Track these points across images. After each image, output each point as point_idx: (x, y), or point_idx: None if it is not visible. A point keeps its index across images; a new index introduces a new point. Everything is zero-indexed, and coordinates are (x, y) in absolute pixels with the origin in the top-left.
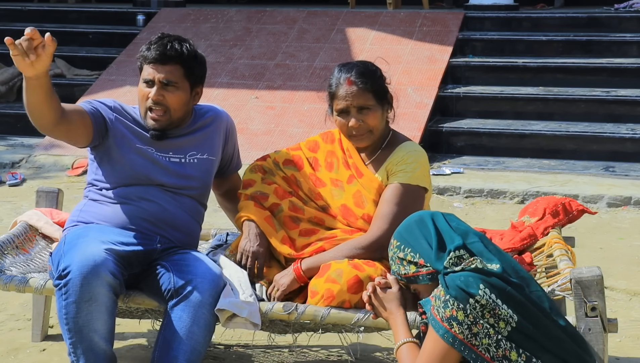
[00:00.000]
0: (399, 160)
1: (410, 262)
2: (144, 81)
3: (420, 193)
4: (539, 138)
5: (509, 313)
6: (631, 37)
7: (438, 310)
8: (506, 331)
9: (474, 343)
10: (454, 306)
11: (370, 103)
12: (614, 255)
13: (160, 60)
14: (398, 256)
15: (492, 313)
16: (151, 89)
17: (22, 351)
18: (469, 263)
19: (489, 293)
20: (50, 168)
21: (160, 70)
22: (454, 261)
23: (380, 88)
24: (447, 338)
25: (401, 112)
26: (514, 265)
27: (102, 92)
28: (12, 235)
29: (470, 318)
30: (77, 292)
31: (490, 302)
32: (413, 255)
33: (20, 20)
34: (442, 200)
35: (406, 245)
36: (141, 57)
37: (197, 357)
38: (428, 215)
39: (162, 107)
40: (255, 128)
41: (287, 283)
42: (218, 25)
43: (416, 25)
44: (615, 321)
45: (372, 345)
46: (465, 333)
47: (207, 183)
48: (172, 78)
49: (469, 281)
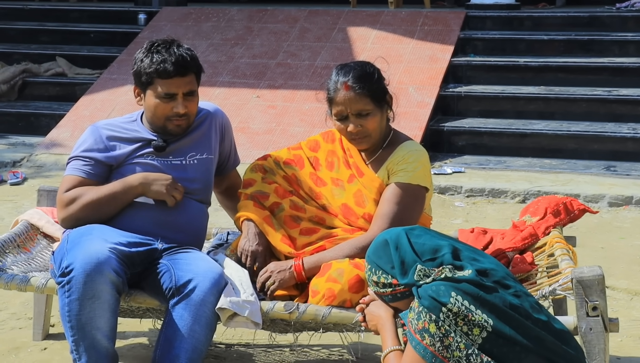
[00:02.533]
0: (399, 159)
1: (384, 285)
2: (164, 96)
3: (421, 193)
4: (540, 137)
5: (484, 318)
6: (633, 37)
7: (412, 322)
8: (480, 338)
9: (445, 356)
10: (426, 318)
11: (368, 108)
12: (615, 254)
13: (180, 73)
14: (372, 280)
15: (465, 320)
16: (173, 103)
17: (23, 350)
18: (438, 272)
19: (461, 300)
20: (52, 167)
21: (181, 83)
22: (424, 273)
23: (379, 91)
24: (419, 350)
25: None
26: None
27: (103, 91)
28: (14, 233)
29: (442, 331)
30: (80, 290)
31: (463, 309)
32: (385, 277)
33: (21, 19)
34: (444, 199)
35: (376, 268)
36: (154, 73)
37: (199, 356)
38: (392, 238)
39: (186, 116)
40: (256, 127)
41: (286, 279)
42: (219, 24)
43: (417, 24)
44: (617, 320)
45: (373, 345)
46: (437, 345)
47: (209, 183)
48: (193, 88)
49: (440, 290)
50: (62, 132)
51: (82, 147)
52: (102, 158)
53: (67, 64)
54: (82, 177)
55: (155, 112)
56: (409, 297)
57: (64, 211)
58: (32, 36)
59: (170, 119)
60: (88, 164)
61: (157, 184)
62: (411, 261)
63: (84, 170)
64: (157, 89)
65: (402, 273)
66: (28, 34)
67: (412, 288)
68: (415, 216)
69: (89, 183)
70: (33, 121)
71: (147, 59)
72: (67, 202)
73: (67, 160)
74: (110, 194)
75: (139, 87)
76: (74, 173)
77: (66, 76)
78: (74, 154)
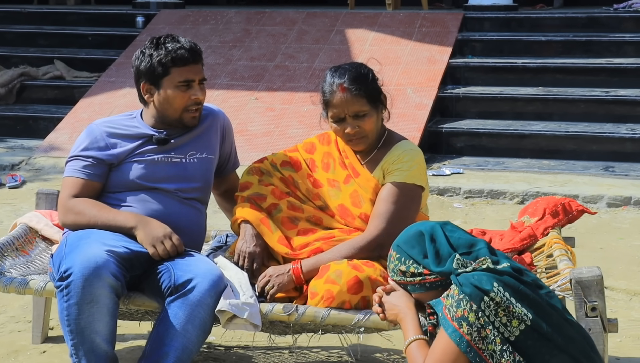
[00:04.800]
0: (395, 159)
1: (414, 274)
2: (183, 83)
3: (417, 192)
4: (539, 138)
5: (523, 311)
6: (630, 37)
7: (449, 309)
8: (518, 330)
9: (480, 347)
10: (466, 306)
11: (365, 109)
12: (614, 255)
13: (193, 60)
14: (400, 269)
15: (506, 311)
16: (191, 91)
17: (22, 353)
18: (479, 263)
19: (503, 291)
20: (50, 170)
21: (197, 70)
22: (462, 262)
23: (374, 91)
24: (455, 337)
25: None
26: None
27: (101, 94)
28: (12, 236)
29: (481, 322)
30: (78, 294)
31: (505, 300)
32: (416, 266)
33: (19, 22)
34: (442, 201)
35: (406, 257)
36: (168, 62)
37: (188, 356)
38: (427, 229)
39: (201, 106)
40: (254, 129)
41: (284, 283)
42: (217, 27)
43: (415, 26)
44: (616, 321)
45: (372, 346)
46: (474, 335)
47: (209, 182)
48: (204, 75)
49: (483, 279)
50: (61, 136)
51: (81, 146)
52: (103, 156)
53: (65, 67)
54: (83, 179)
55: (173, 103)
56: (437, 289)
57: (63, 216)
58: (30, 39)
59: (188, 109)
60: (88, 165)
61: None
62: (446, 253)
63: (84, 171)
64: (175, 78)
65: (436, 262)
66: (26, 37)
67: (448, 277)
68: (412, 215)
69: (89, 184)
70: (31, 124)
71: (159, 51)
72: (67, 211)
73: (67, 160)
74: (105, 225)
75: (149, 83)
76: (75, 174)
77: (64, 79)
78: (74, 154)
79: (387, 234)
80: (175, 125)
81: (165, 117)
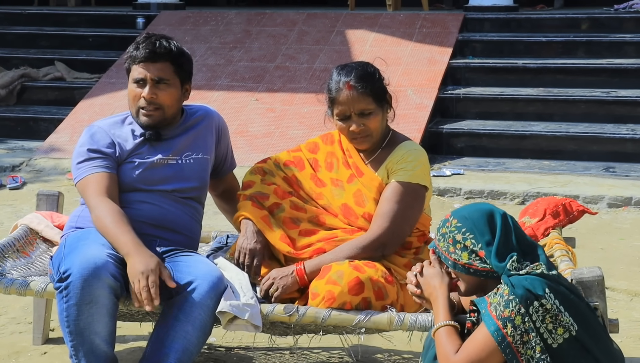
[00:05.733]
0: (399, 159)
1: (467, 248)
2: (134, 82)
3: (420, 192)
4: (539, 138)
5: (570, 320)
6: (631, 38)
7: (496, 308)
8: (562, 338)
9: (519, 351)
10: (515, 308)
11: (370, 107)
12: (615, 255)
13: (150, 58)
14: (454, 237)
15: (553, 318)
16: (143, 89)
17: (23, 354)
18: (533, 267)
19: (553, 298)
20: (51, 172)
21: (151, 68)
22: (516, 266)
23: (380, 90)
24: (497, 337)
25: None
26: None
27: (102, 96)
28: (13, 238)
29: (526, 326)
30: (78, 295)
31: (554, 307)
32: (474, 243)
33: (20, 23)
34: (443, 201)
35: (469, 231)
36: (129, 58)
37: (189, 357)
38: (499, 213)
39: (155, 105)
40: (255, 130)
41: (288, 285)
42: (218, 28)
43: (416, 26)
44: (616, 321)
45: (373, 347)
46: (516, 338)
47: (205, 183)
48: (163, 75)
49: (536, 283)
50: (61, 137)
51: (86, 146)
52: (109, 152)
53: (65, 68)
54: (105, 172)
55: (130, 100)
56: (478, 277)
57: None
58: (31, 41)
59: (142, 109)
60: (101, 158)
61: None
62: (510, 248)
63: (102, 165)
64: (133, 75)
65: (497, 256)
66: (26, 39)
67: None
68: (415, 215)
69: (111, 177)
70: (32, 126)
71: (134, 46)
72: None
73: (75, 163)
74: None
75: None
76: (95, 171)
77: (65, 81)
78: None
79: (390, 233)
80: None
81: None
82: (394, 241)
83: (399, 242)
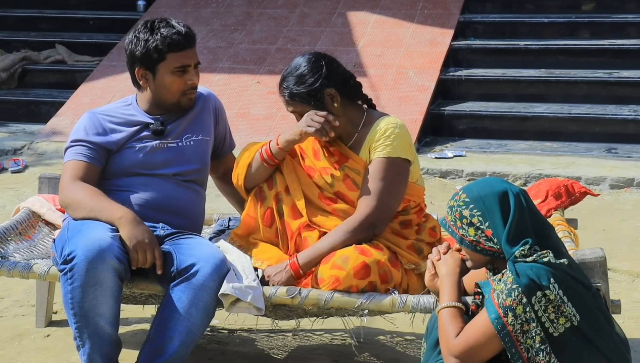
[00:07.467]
0: (379, 135)
1: (473, 225)
2: (177, 69)
3: (403, 166)
4: (541, 120)
5: (573, 311)
6: (633, 19)
7: (498, 295)
8: (564, 327)
9: (519, 340)
10: (517, 297)
11: (306, 109)
12: (617, 236)
13: (189, 44)
14: (462, 212)
15: (556, 308)
16: (187, 75)
17: (26, 337)
18: (541, 256)
19: (557, 288)
20: (52, 155)
21: (192, 54)
22: (525, 253)
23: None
24: (497, 325)
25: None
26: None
27: (103, 78)
28: (15, 221)
29: (527, 316)
30: (82, 277)
31: (558, 298)
32: (481, 221)
33: (20, 6)
34: (445, 183)
35: (477, 208)
36: (163, 49)
37: (193, 339)
38: (513, 193)
39: (195, 88)
40: (256, 113)
41: (284, 281)
42: (219, 10)
43: (417, 8)
44: (619, 302)
45: (375, 329)
46: (516, 327)
47: (206, 164)
48: (198, 58)
49: (541, 273)
50: (63, 120)
51: (80, 132)
52: (102, 142)
53: (66, 51)
54: (85, 161)
55: (171, 88)
56: (484, 255)
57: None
58: (31, 23)
59: (185, 93)
60: (89, 149)
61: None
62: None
63: (85, 154)
64: (171, 64)
65: (508, 240)
66: (27, 22)
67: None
68: (401, 190)
69: (91, 167)
70: (33, 109)
71: (154, 36)
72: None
73: (66, 146)
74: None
75: (145, 68)
76: (76, 157)
77: (66, 63)
78: (74, 138)
79: (378, 212)
80: (171, 109)
81: (161, 102)
82: (382, 219)
83: (388, 219)
